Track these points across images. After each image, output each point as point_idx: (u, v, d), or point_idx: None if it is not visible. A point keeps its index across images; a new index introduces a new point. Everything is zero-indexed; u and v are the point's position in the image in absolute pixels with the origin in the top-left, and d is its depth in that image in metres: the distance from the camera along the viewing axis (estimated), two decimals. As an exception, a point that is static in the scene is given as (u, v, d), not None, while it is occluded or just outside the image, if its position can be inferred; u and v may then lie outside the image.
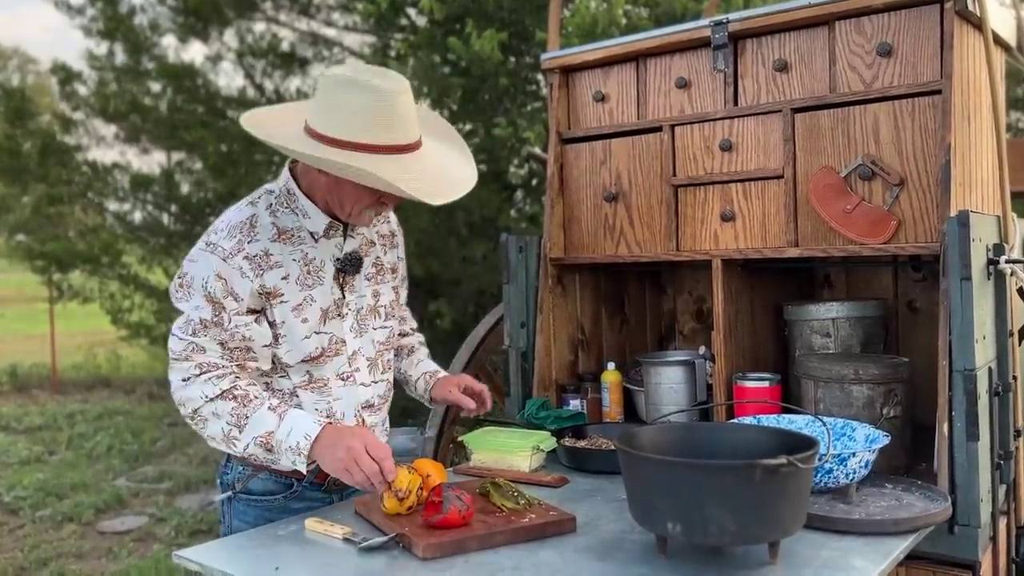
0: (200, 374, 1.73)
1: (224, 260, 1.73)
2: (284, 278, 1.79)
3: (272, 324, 1.80)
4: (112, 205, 8.06)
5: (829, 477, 1.76)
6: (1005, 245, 2.04)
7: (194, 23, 7.26)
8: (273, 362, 1.84)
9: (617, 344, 2.96)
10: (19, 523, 5.36)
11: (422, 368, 2.15)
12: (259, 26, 7.90)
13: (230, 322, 1.74)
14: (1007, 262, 1.97)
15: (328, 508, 1.89)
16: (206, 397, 1.73)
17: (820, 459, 1.57)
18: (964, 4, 2.01)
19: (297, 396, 1.85)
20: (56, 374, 10.46)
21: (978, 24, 2.14)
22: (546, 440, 2.19)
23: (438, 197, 1.69)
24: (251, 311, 1.77)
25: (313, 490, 1.91)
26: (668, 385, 2.49)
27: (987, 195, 2.31)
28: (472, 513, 1.65)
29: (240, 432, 1.72)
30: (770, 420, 2.03)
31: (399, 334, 2.14)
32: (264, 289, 1.77)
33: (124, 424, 8.13)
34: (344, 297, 1.88)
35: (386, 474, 1.67)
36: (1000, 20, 2.29)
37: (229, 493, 1.89)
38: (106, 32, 7.31)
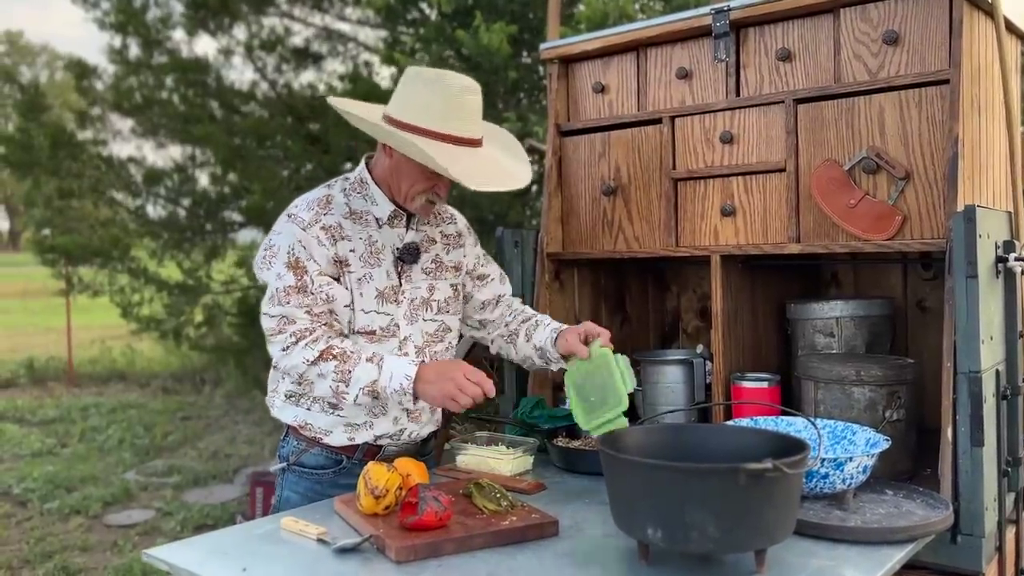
0: (297, 341, 1.86)
1: (304, 229, 1.89)
2: (352, 251, 1.94)
3: (348, 290, 1.94)
4: (126, 199, 8.08)
5: (825, 482, 1.68)
6: (1016, 242, 1.95)
7: (204, 16, 7.24)
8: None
9: (619, 342, 2.87)
10: (27, 515, 5.37)
11: (552, 326, 2.12)
12: (274, 21, 7.89)
13: (313, 283, 1.88)
14: (1017, 259, 1.89)
15: (308, 507, 1.86)
16: (307, 361, 1.85)
17: (811, 463, 1.50)
18: (975, -11, 1.93)
19: None
20: (72, 367, 10.53)
21: (990, 11, 2.05)
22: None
23: (479, 182, 1.82)
24: (329, 276, 1.92)
25: (361, 467, 1.94)
26: (666, 384, 2.42)
27: (999, 190, 2.22)
28: (450, 515, 1.59)
29: (347, 386, 1.84)
30: (768, 422, 1.96)
31: (522, 316, 2.18)
32: (338, 257, 1.92)
33: (137, 418, 8.16)
34: (401, 285, 2.00)
35: (487, 392, 1.81)
36: (1015, 7, 2.19)
37: (284, 464, 2.04)
38: (118, 25, 7.32)
